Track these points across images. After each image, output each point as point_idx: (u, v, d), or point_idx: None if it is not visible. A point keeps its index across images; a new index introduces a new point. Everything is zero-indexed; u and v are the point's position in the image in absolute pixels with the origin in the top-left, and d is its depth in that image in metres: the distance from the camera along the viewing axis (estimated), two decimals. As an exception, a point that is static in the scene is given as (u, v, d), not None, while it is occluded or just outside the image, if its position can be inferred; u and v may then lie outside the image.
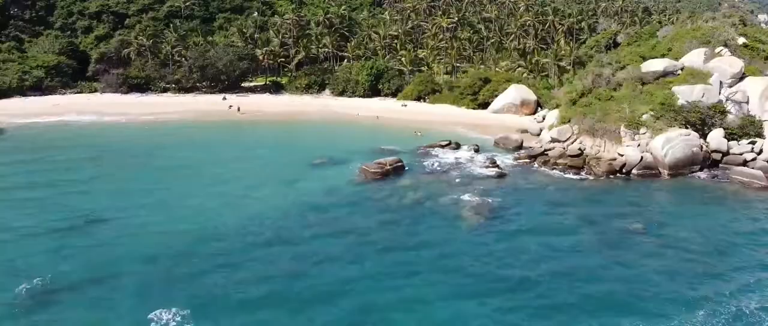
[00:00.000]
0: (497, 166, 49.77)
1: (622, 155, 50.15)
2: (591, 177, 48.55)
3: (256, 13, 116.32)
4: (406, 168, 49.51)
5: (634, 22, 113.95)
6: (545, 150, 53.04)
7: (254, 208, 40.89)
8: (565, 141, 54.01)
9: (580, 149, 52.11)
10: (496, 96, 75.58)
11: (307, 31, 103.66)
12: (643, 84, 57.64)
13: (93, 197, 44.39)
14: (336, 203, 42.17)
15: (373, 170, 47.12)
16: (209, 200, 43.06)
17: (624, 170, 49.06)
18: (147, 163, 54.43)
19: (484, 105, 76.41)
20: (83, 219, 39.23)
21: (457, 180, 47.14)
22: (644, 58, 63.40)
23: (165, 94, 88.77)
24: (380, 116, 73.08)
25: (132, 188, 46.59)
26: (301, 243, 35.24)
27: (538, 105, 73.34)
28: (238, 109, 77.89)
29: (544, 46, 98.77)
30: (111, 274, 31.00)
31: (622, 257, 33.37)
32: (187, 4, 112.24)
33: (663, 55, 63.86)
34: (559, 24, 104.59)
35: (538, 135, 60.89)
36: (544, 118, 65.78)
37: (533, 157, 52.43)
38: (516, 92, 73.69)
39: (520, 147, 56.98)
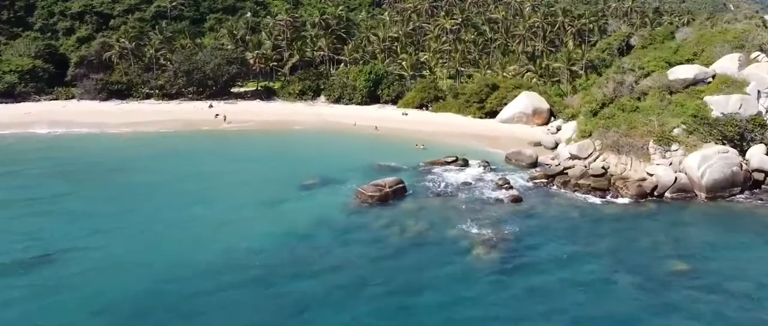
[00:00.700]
0: (511, 188, 43.93)
1: (651, 175, 44.43)
2: (618, 201, 42.81)
3: (249, 14, 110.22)
4: (408, 190, 43.76)
5: (644, 24, 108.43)
6: (564, 168, 47.07)
7: (231, 239, 36.59)
8: (587, 158, 48.09)
9: (603, 168, 46.28)
10: (505, 104, 69.55)
11: (302, 33, 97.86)
12: (671, 93, 52.18)
13: (49, 221, 40.35)
14: (326, 234, 37.60)
15: (370, 193, 41.57)
16: (180, 227, 39.18)
17: (655, 193, 43.34)
18: (117, 181, 49.78)
19: (492, 113, 70.41)
20: (31, 252, 35.16)
21: (466, 205, 41.57)
22: (669, 64, 57.64)
23: (147, 101, 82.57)
24: (379, 126, 67.27)
25: (95, 210, 42.31)
26: (282, 285, 30.96)
27: (551, 114, 67.32)
28: (225, 118, 72.05)
29: (552, 49, 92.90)
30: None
31: (664, 305, 29.41)
32: (175, 4, 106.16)
33: (689, 60, 58.26)
34: (569, 25, 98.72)
35: (553, 149, 54.99)
36: (558, 130, 59.88)
37: (551, 177, 46.43)
38: (527, 100, 67.60)
39: (534, 163, 51.02)
